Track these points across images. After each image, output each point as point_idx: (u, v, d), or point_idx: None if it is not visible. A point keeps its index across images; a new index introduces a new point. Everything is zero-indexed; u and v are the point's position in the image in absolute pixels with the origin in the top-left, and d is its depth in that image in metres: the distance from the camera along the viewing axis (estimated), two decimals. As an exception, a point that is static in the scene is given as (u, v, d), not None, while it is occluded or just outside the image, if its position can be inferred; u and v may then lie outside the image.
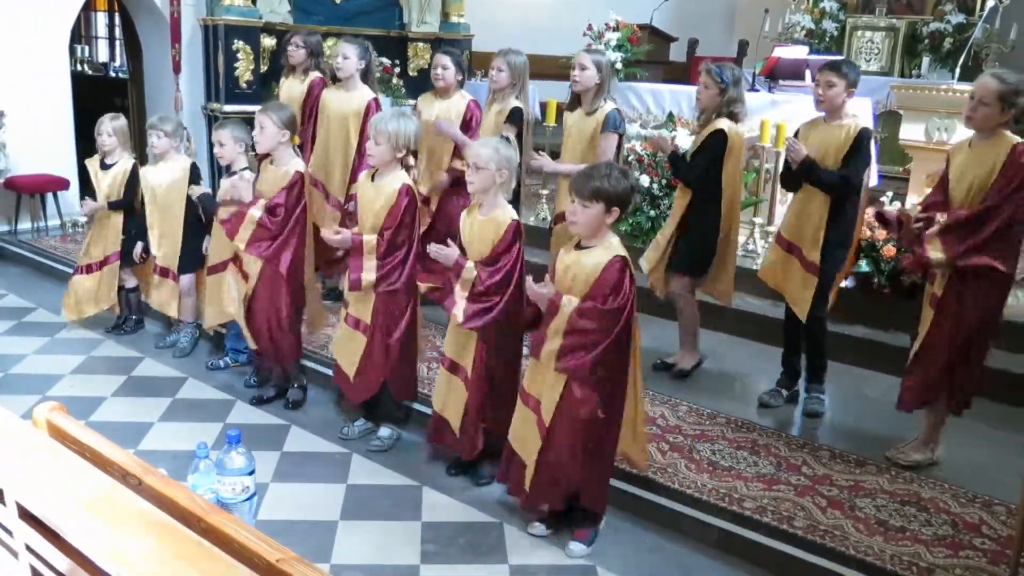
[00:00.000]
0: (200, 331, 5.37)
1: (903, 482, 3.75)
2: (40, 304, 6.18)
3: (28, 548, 1.51)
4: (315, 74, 5.73)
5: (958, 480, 3.79)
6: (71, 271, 5.64)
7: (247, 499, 2.53)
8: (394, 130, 3.89)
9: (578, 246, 3.32)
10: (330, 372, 4.72)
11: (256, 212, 4.32)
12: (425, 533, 3.52)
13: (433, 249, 3.71)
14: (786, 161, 4.35)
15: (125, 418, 4.43)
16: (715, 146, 4.49)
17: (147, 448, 4.11)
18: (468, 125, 5.23)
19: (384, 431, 4.26)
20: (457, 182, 5.07)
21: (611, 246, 3.25)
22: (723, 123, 4.46)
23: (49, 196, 7.62)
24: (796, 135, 4.41)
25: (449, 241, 3.74)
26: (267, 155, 4.45)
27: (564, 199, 4.63)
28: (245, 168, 4.79)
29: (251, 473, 2.54)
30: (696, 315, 4.90)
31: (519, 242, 3.66)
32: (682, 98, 7.07)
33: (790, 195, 4.51)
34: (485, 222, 3.67)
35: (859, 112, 4.50)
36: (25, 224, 7.60)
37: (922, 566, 3.15)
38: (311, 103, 5.63)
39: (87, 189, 5.51)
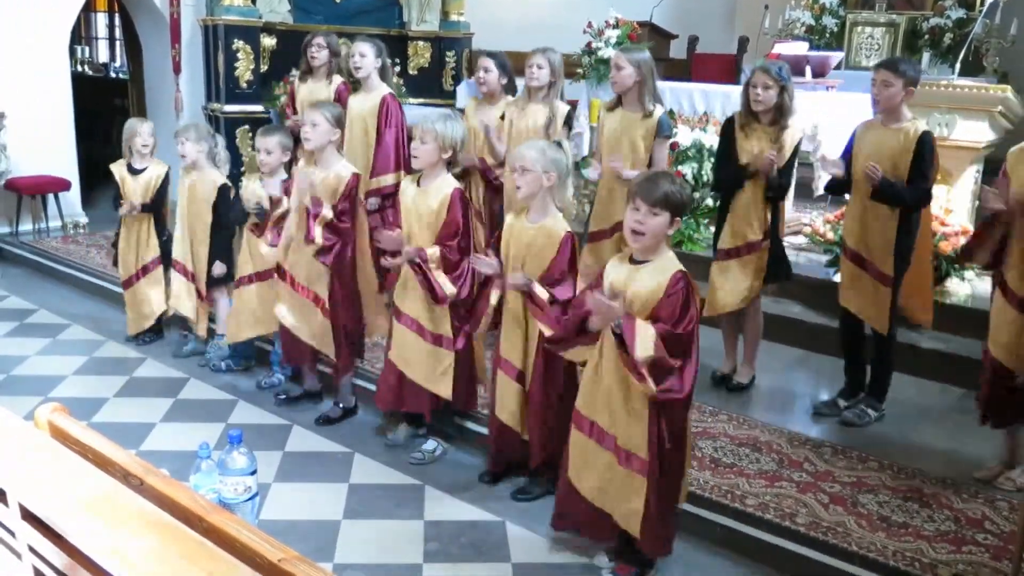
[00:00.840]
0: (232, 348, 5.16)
1: (905, 478, 3.75)
2: (42, 305, 6.19)
3: (31, 549, 1.51)
4: (338, 78, 5.61)
5: (960, 476, 3.79)
6: (68, 270, 5.57)
7: (249, 499, 2.54)
8: (441, 130, 3.74)
9: (632, 260, 3.04)
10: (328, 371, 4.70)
11: (329, 213, 4.12)
12: (428, 532, 3.52)
13: (475, 260, 3.56)
14: (846, 167, 4.15)
15: (127, 419, 4.44)
16: (795, 152, 4.32)
17: (149, 448, 4.11)
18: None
19: (430, 444, 4.13)
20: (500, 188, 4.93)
21: (669, 260, 2.99)
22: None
23: (50, 197, 7.63)
24: (852, 138, 4.21)
25: (490, 252, 3.59)
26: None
27: (610, 210, 4.50)
28: (285, 179, 4.62)
29: (253, 473, 2.55)
30: (762, 326, 4.71)
31: (576, 255, 3.48)
32: (682, 95, 7.06)
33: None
34: (534, 232, 3.47)
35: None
36: (26, 225, 7.61)
37: (925, 562, 3.15)
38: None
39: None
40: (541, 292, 3.40)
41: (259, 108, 8.26)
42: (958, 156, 5.45)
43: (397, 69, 9.22)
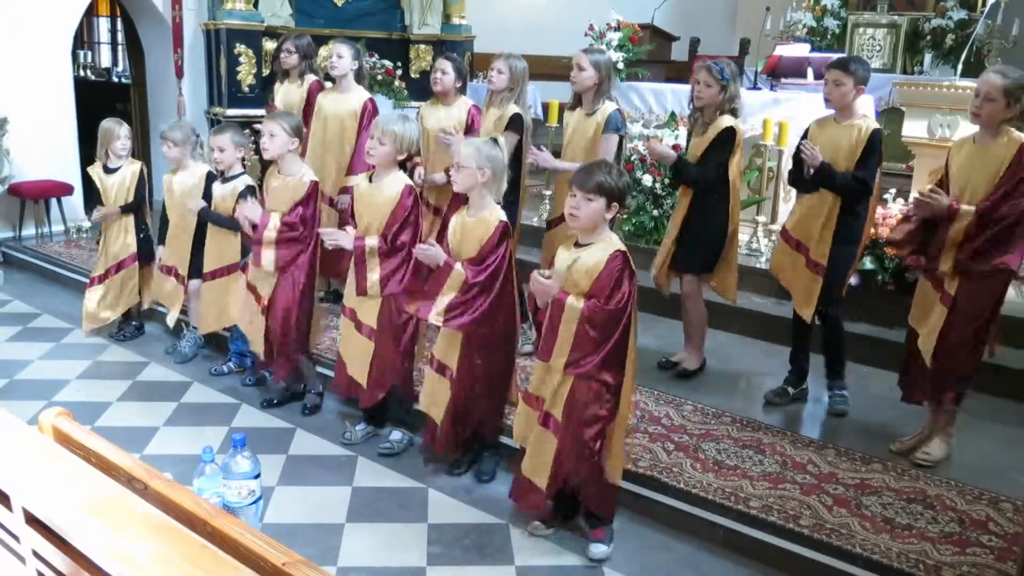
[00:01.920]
0: (203, 338, 5.34)
1: (909, 480, 3.75)
2: (45, 310, 6.20)
3: (35, 553, 1.52)
4: (311, 77, 5.76)
5: (964, 477, 3.79)
6: (71, 275, 5.61)
7: (253, 503, 2.53)
8: (400, 131, 3.92)
9: (577, 244, 3.31)
10: (330, 373, 4.73)
11: (271, 234, 4.27)
12: (431, 534, 3.52)
13: (418, 250, 3.72)
14: (796, 161, 4.32)
15: (130, 423, 4.44)
16: (726, 142, 4.46)
17: (152, 452, 4.11)
18: (471, 131, 5.16)
19: (395, 434, 4.24)
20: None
21: (611, 242, 3.25)
22: (728, 119, 4.45)
23: (53, 202, 7.64)
24: (806, 134, 4.37)
25: (431, 241, 3.76)
26: (271, 161, 4.43)
27: (561, 201, 4.58)
28: (241, 173, 4.79)
29: (257, 477, 2.55)
30: (705, 315, 4.88)
31: (507, 242, 3.66)
32: (684, 98, 7.02)
33: (793, 192, 4.49)
34: (474, 223, 3.67)
35: (865, 110, 4.49)
36: (29, 230, 7.62)
37: (929, 563, 3.14)
38: (312, 106, 5.63)
39: (96, 197, 5.49)
40: (458, 273, 3.61)
41: (261, 112, 8.22)
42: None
43: (399, 72, 9.25)
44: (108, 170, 5.37)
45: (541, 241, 5.26)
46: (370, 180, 4.06)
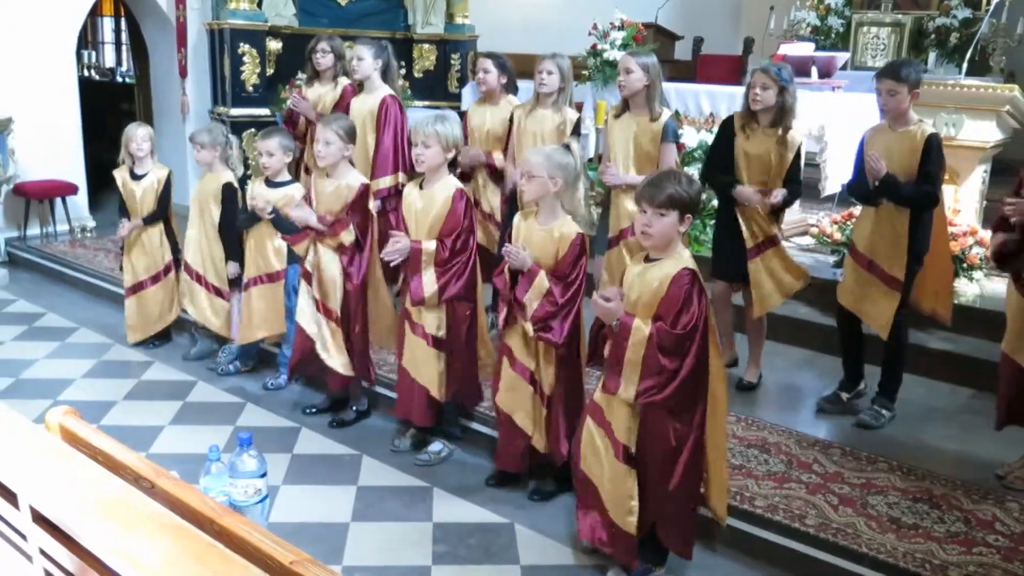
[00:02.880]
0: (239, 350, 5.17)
1: (915, 479, 3.74)
2: (50, 309, 6.21)
3: (42, 552, 1.52)
4: (344, 80, 5.61)
5: (971, 476, 3.78)
6: (76, 274, 5.56)
7: (259, 501, 2.54)
8: (442, 130, 3.76)
9: (647, 259, 3.07)
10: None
11: (349, 237, 4.16)
12: (436, 534, 3.52)
13: (506, 252, 3.52)
14: (858, 172, 4.16)
15: (136, 422, 4.44)
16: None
17: (158, 451, 4.12)
18: (511, 134, 4.97)
19: (435, 445, 4.13)
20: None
21: (680, 258, 2.99)
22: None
23: (58, 201, 7.65)
24: (862, 144, 4.20)
25: (523, 244, 3.53)
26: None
27: (622, 215, 4.46)
28: (291, 181, 4.67)
29: (263, 476, 2.55)
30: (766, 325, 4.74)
31: (584, 258, 3.49)
32: (687, 96, 7.05)
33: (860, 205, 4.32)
34: (544, 234, 3.49)
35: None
36: (34, 230, 7.63)
37: (935, 563, 3.14)
38: (344, 109, 5.42)
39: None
40: (543, 281, 3.43)
41: (265, 111, 8.28)
42: (965, 156, 5.44)
43: (403, 72, 9.25)
44: (135, 176, 5.27)
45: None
46: (420, 187, 3.90)
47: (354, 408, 4.53)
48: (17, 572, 1.62)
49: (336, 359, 4.33)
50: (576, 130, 4.78)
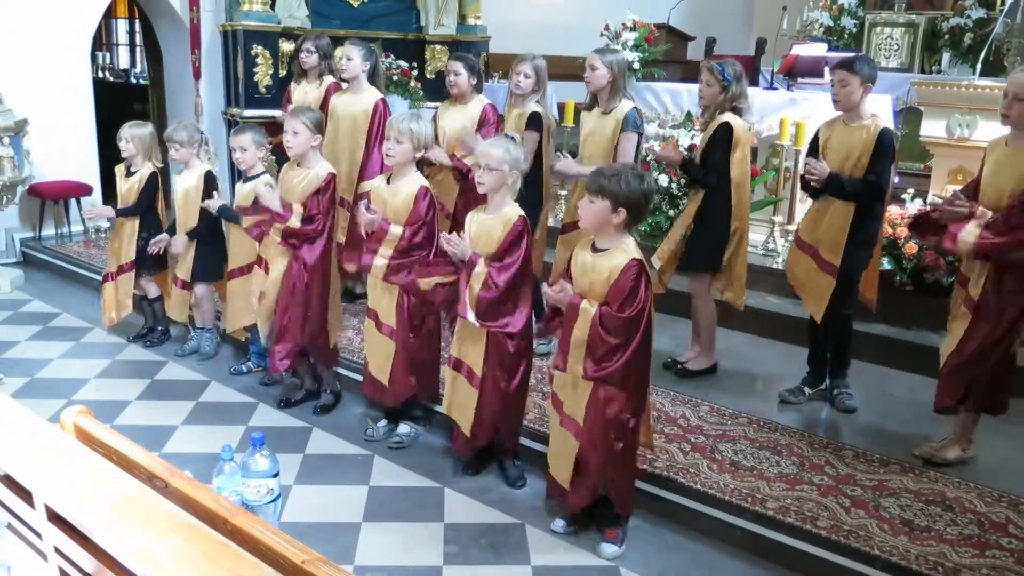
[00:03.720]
0: (220, 335, 5.39)
1: (928, 481, 3.72)
2: (64, 309, 6.25)
3: (57, 550, 1.53)
4: (329, 78, 5.79)
5: (984, 479, 3.76)
6: (90, 274, 5.65)
7: (272, 501, 2.55)
8: (416, 128, 3.95)
9: (594, 248, 3.32)
10: (347, 374, 4.76)
11: (296, 221, 4.30)
12: (447, 534, 3.53)
13: (444, 240, 3.73)
14: (806, 175, 4.30)
15: (149, 421, 4.47)
16: (723, 138, 4.47)
17: (172, 451, 4.14)
18: (483, 127, 5.16)
19: (403, 428, 4.32)
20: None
21: (627, 249, 3.25)
22: (726, 116, 4.47)
23: (72, 202, 7.70)
24: (815, 139, 4.36)
25: (462, 234, 3.75)
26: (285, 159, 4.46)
27: (575, 206, 4.60)
28: (263, 173, 4.80)
29: (275, 475, 2.57)
30: (713, 315, 4.87)
31: (527, 239, 3.67)
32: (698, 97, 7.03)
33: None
34: (492, 220, 3.68)
35: (879, 110, 4.46)
36: (49, 230, 7.67)
37: (948, 566, 3.12)
38: (328, 107, 5.65)
39: (115, 198, 5.55)
40: (481, 268, 3.63)
41: (278, 113, 8.24)
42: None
43: (415, 73, 9.27)
44: (129, 172, 5.41)
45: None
46: (388, 181, 4.08)
47: (329, 391, 4.67)
48: (32, 570, 1.64)
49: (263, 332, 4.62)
50: (535, 123, 4.91)
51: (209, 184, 5.09)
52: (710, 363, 4.93)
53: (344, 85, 5.70)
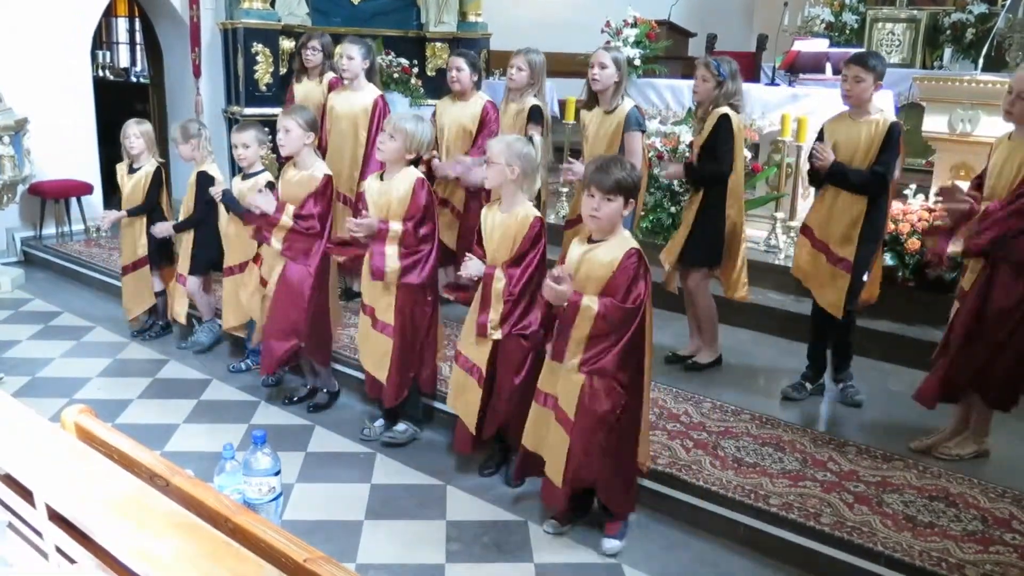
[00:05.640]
0: (220, 329, 5.38)
1: (931, 477, 3.71)
2: (65, 308, 6.24)
3: (58, 549, 1.52)
4: (331, 75, 5.79)
5: (987, 475, 3.75)
6: (91, 273, 5.66)
7: (273, 499, 2.55)
8: (412, 130, 3.91)
9: (590, 239, 3.30)
10: (351, 372, 4.75)
11: (287, 220, 4.27)
12: (450, 531, 3.52)
13: (463, 269, 3.71)
14: (812, 160, 4.30)
15: (151, 420, 4.47)
16: (726, 128, 4.46)
17: (173, 449, 4.14)
18: (484, 126, 5.17)
19: (400, 425, 4.29)
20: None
21: (624, 239, 3.24)
22: (724, 109, 4.47)
23: (73, 201, 7.69)
24: (821, 133, 4.36)
25: (468, 255, 3.73)
26: (288, 158, 4.44)
27: (580, 201, 4.59)
28: (263, 171, 4.81)
29: (277, 474, 2.56)
30: (714, 309, 4.88)
31: (543, 240, 3.65)
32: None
33: (812, 189, 4.48)
34: (506, 219, 3.66)
35: (884, 105, 4.46)
36: (50, 229, 7.67)
37: (951, 562, 3.12)
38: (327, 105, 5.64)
39: (115, 196, 5.56)
40: (499, 280, 3.61)
41: (278, 111, 8.23)
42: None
43: (415, 71, 9.25)
44: (132, 170, 5.42)
45: (558, 238, 5.23)
46: (381, 179, 4.05)
47: (325, 391, 4.66)
48: (33, 569, 1.63)
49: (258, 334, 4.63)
50: (536, 117, 4.92)
51: (203, 182, 5.08)
52: (715, 356, 4.95)
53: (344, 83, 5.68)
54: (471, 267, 3.68)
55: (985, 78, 5.65)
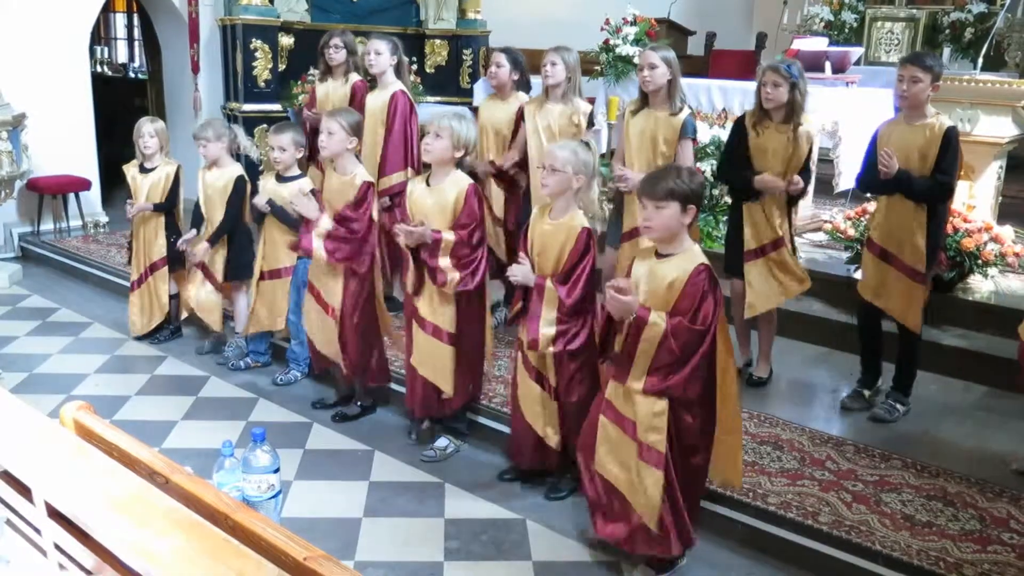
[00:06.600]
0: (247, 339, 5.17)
1: (929, 477, 3.72)
2: (63, 304, 6.23)
3: (57, 546, 1.52)
4: (355, 76, 5.59)
5: (986, 474, 3.75)
6: (89, 269, 5.62)
7: (272, 497, 2.54)
8: (457, 127, 3.76)
9: (657, 254, 3.08)
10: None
11: (327, 224, 4.16)
12: (448, 530, 3.52)
13: (511, 274, 3.57)
14: (868, 164, 4.13)
15: (149, 416, 4.46)
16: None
17: (172, 446, 4.13)
18: (517, 130, 4.99)
19: (441, 442, 4.13)
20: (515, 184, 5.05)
21: (693, 253, 3.01)
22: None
23: (71, 197, 7.67)
24: (875, 139, 4.18)
25: (522, 257, 3.57)
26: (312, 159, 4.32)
27: (635, 213, 4.28)
28: (300, 175, 4.70)
29: (276, 471, 2.55)
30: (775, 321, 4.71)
31: (592, 252, 3.46)
32: (700, 92, 7.00)
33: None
34: (556, 227, 3.49)
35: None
36: (47, 225, 7.65)
37: (950, 561, 3.12)
38: (355, 106, 5.35)
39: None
40: (552, 291, 3.43)
41: (277, 107, 8.29)
42: (981, 152, 5.39)
43: (414, 68, 9.25)
44: (144, 170, 5.29)
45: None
46: (427, 183, 3.88)
47: (358, 404, 4.54)
48: (33, 566, 1.63)
49: (329, 350, 4.40)
50: (590, 123, 4.76)
51: (240, 186, 4.97)
52: (769, 369, 4.77)
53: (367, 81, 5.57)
54: (521, 273, 3.52)
55: (984, 77, 5.65)
